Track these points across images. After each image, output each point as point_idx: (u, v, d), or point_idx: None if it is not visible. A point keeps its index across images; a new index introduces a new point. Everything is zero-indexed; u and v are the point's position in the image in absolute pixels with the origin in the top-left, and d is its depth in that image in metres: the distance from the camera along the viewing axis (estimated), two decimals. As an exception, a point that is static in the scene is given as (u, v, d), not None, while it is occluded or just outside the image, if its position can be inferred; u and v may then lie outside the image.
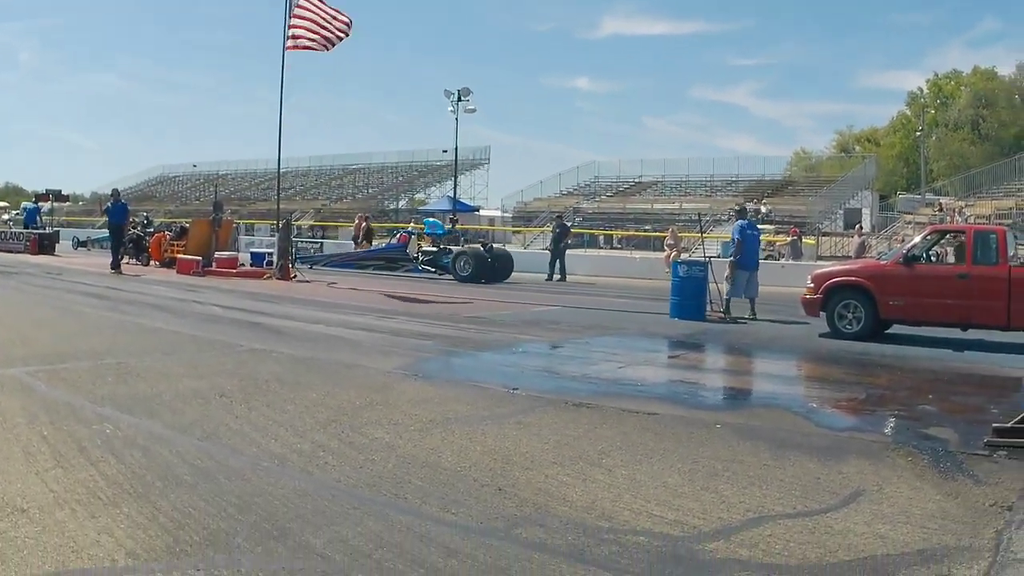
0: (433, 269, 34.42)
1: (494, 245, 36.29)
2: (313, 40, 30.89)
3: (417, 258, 35.52)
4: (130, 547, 4.96)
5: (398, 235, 39.21)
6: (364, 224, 38.86)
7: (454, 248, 34.46)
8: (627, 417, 8.99)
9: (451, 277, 32.47)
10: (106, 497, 5.82)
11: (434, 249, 35.29)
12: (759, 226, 28.46)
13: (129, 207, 34.68)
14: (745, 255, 20.98)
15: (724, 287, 20.76)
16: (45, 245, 43.36)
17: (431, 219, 40.42)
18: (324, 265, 37.44)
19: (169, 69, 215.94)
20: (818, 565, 5.00)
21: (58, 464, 6.51)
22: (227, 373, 10.84)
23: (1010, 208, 48.45)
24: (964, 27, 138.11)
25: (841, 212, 63.49)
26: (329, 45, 31.01)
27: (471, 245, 34.80)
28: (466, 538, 5.33)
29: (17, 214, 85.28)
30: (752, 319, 19.86)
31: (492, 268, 32.61)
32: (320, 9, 30.69)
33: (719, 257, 26.52)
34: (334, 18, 30.76)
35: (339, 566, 4.82)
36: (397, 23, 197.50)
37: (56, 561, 4.73)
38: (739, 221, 21.87)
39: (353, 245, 40.09)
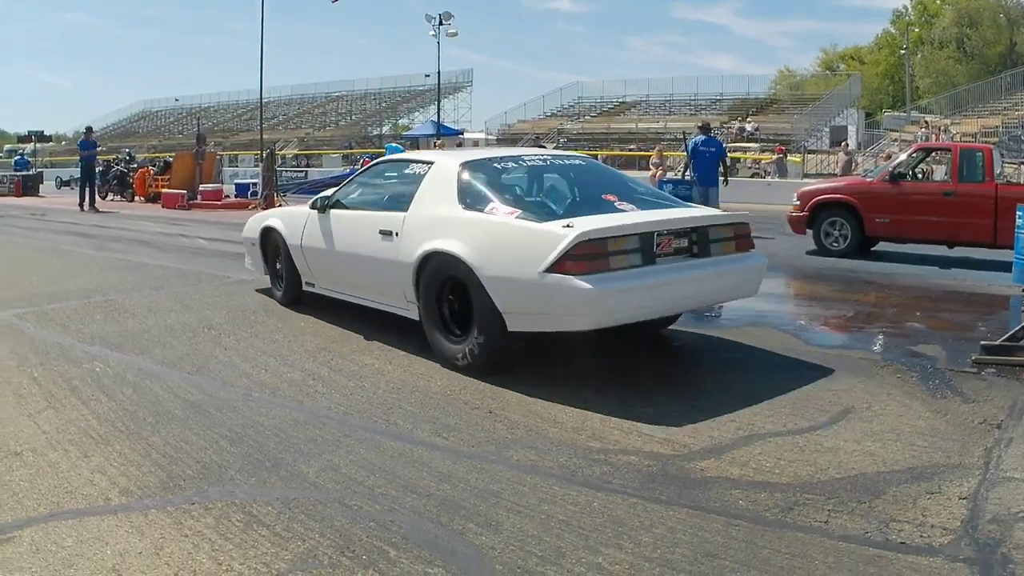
0: None
1: None
2: None
3: None
4: (124, 485, 4.97)
5: (361, 160, 39.57)
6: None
7: None
8: (607, 337, 8.93)
9: None
10: (98, 436, 5.83)
11: None
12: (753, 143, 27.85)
13: (98, 144, 34.31)
14: (697, 172, 20.90)
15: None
16: (29, 186, 43.19)
17: (392, 144, 40.06)
18: (295, 192, 36.82)
19: (138, 4, 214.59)
20: (809, 483, 5.01)
21: (50, 405, 6.52)
22: (214, 305, 10.85)
23: (995, 126, 47.92)
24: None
25: (827, 130, 63.06)
26: None
27: None
28: (458, 462, 5.34)
29: (0, 156, 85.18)
30: None
31: None
32: None
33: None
34: None
35: (332, 494, 4.83)
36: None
37: (51, 503, 4.74)
38: (693, 138, 21.71)
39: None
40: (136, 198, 35.18)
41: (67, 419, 6.19)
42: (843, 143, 47.42)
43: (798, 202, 17.34)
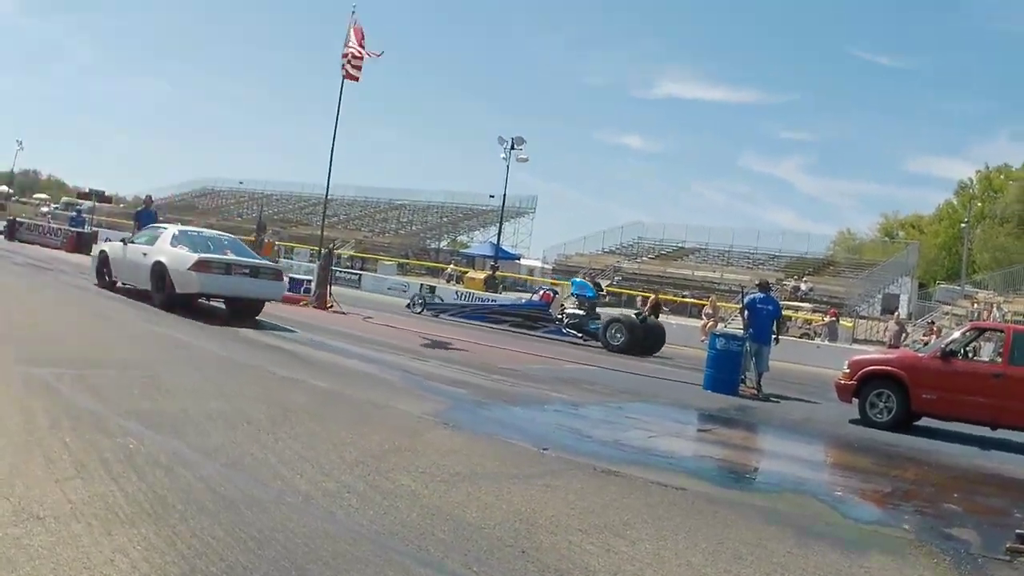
0: (579, 334, 31.95)
1: (647, 315, 33.36)
2: (356, 69, 32.57)
3: (560, 319, 32.99)
4: (144, 571, 4.94)
5: (541, 292, 36.24)
6: (653, 297, 36.47)
7: (603, 313, 32.72)
8: (655, 489, 8.98)
9: (598, 344, 30.41)
10: (124, 515, 5.81)
11: (581, 312, 32.79)
12: (789, 301, 27.89)
13: (158, 215, 34.85)
14: (753, 329, 21.21)
15: (753, 363, 20.94)
16: (82, 244, 43.45)
17: (579, 279, 38.21)
18: (453, 315, 35.83)
19: (220, 81, 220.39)
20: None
21: (78, 474, 6.51)
22: (256, 399, 10.90)
23: (1049, 309, 48.50)
24: (1013, 119, 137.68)
25: (880, 296, 63.77)
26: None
27: (623, 312, 33.42)
28: (486, 599, 5.29)
29: (56, 208, 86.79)
30: (760, 396, 19.99)
31: (644, 339, 30.48)
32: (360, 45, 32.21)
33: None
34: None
35: (356, 615, 4.78)
36: (450, 60, 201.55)
37: (67, 575, 4.71)
38: (751, 295, 22.22)
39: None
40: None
41: (95, 492, 6.17)
42: (895, 313, 47.80)
43: (848, 370, 17.55)
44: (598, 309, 32.98)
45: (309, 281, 33.41)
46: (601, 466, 9.73)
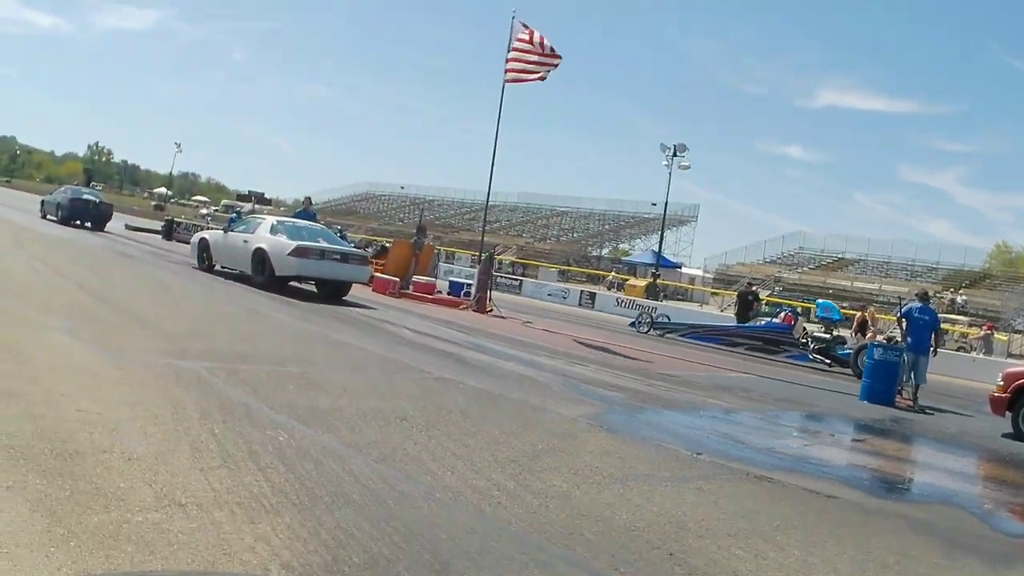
0: (826, 359, 30.36)
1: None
2: (528, 73, 33.42)
3: (805, 343, 31.34)
4: (286, 558, 4.91)
5: (783, 314, 33.80)
6: (860, 314, 33.14)
7: (846, 336, 31.61)
8: (806, 496, 8.89)
9: (847, 371, 28.57)
10: (269, 504, 5.81)
11: (827, 336, 31.46)
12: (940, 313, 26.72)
13: (317, 216, 35.28)
14: (911, 338, 21.01)
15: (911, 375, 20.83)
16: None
17: (823, 300, 36.89)
18: (683, 336, 34.55)
19: (381, 87, 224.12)
20: None
21: (224, 464, 6.56)
22: (411, 397, 10.89)
23: None
24: None
25: None
26: (542, 76, 33.62)
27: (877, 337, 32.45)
28: (633, 599, 5.17)
29: (216, 210, 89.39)
30: (915, 408, 19.80)
31: None
32: (535, 43, 32.16)
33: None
34: (550, 53, 33.40)
35: (498, 609, 4.69)
36: (613, 68, 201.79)
37: (205, 560, 4.72)
38: (909, 304, 22.11)
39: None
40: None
41: (240, 481, 6.20)
42: (1050, 327, 47.37)
43: (1002, 382, 17.39)
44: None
45: (470, 285, 33.57)
46: (754, 472, 9.65)
